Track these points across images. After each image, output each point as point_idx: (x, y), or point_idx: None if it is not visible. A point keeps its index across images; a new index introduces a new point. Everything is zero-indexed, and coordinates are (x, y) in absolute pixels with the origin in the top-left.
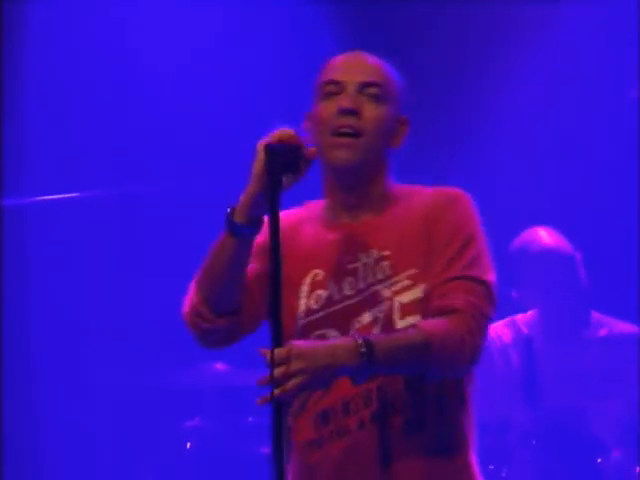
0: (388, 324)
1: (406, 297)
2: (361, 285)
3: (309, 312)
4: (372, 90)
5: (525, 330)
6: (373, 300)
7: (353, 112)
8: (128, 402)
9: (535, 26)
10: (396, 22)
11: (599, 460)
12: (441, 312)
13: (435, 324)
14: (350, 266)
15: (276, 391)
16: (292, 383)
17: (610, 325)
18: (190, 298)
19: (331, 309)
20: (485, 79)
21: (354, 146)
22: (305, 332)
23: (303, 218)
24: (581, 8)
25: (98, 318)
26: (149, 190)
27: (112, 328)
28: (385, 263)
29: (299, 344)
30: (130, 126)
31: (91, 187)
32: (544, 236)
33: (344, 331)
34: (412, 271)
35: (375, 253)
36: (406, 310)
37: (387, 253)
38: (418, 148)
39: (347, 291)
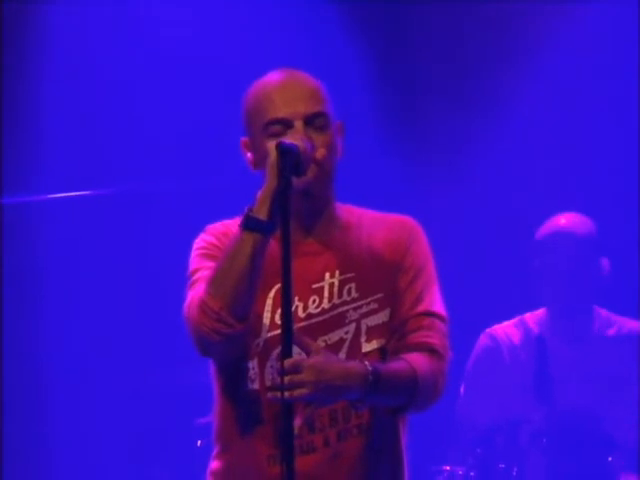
0: (355, 346)
1: (372, 320)
2: (326, 305)
3: (273, 326)
4: (318, 122)
5: (535, 329)
6: (339, 321)
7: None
8: (139, 400)
9: (540, 27)
10: (408, 21)
11: (610, 459)
12: (420, 348)
13: (419, 361)
14: (315, 285)
15: (286, 394)
16: (299, 392)
17: (619, 323)
18: (204, 305)
19: (296, 326)
20: (493, 78)
21: (314, 180)
22: (267, 346)
23: None
24: (586, 8)
25: (108, 315)
26: (159, 188)
27: (122, 325)
28: (351, 285)
29: (315, 358)
30: (140, 124)
31: (101, 185)
32: (561, 219)
33: (307, 350)
34: (379, 295)
35: (339, 274)
36: (372, 333)
37: (351, 275)
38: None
39: (312, 309)
